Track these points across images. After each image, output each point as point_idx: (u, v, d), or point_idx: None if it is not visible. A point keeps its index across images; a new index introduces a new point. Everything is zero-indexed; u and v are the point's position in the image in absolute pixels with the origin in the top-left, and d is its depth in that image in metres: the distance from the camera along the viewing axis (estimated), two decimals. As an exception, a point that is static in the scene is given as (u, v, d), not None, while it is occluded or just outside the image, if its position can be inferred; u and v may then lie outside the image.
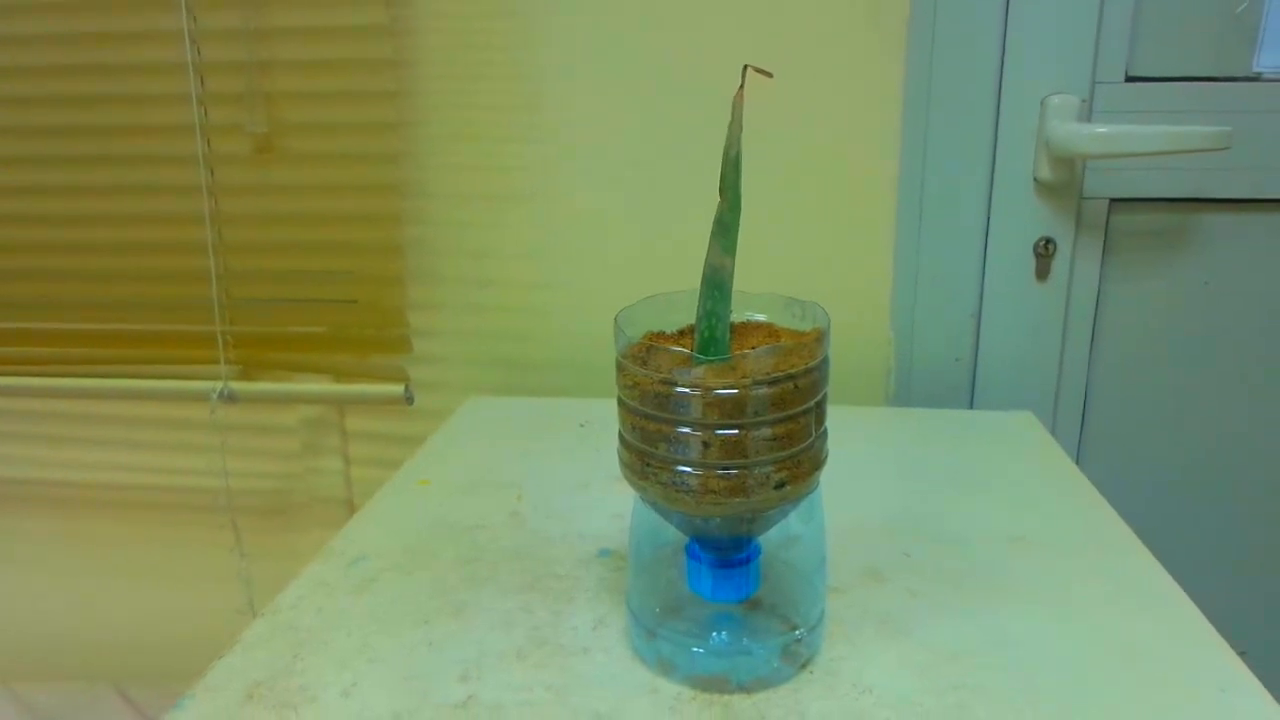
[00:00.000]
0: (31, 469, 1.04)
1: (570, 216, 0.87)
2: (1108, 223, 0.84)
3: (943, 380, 0.88)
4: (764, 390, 0.40)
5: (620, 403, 0.44)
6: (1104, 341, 0.87)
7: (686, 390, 0.40)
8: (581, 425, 0.79)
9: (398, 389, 0.90)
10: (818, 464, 0.43)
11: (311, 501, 1.00)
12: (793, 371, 0.41)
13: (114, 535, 1.05)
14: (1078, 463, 0.88)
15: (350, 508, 0.99)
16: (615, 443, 0.45)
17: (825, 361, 0.43)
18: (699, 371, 0.40)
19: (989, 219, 0.84)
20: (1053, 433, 0.83)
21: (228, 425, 0.97)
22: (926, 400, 0.88)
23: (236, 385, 0.92)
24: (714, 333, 0.42)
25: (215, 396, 0.92)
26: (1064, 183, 0.82)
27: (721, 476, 0.41)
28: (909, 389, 0.88)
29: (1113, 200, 0.83)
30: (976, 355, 0.87)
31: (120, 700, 1.02)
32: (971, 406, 0.88)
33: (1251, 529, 0.90)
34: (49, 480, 1.04)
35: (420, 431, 0.82)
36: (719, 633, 0.47)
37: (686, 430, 0.41)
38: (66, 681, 1.05)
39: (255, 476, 1.00)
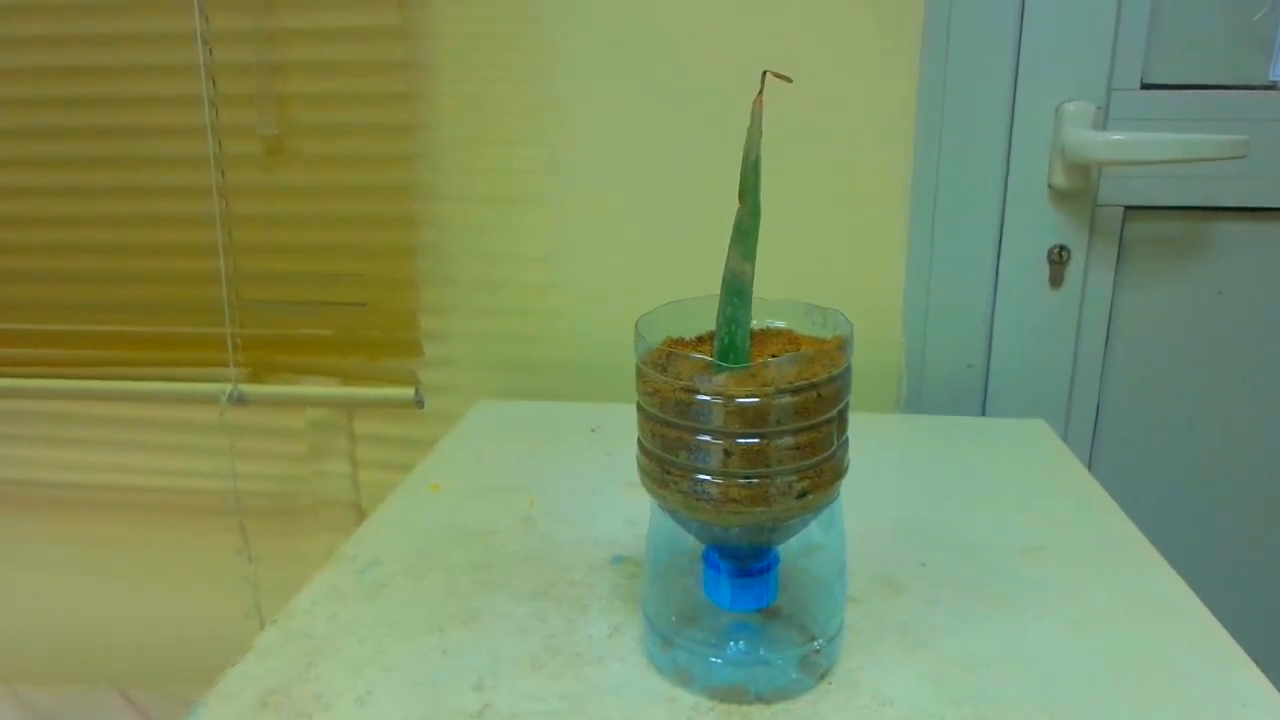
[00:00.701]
0: (41, 471, 1.04)
1: (583, 220, 0.87)
2: (1122, 230, 0.83)
3: (954, 387, 0.88)
4: (787, 399, 0.39)
5: (639, 409, 0.43)
6: (1117, 349, 0.87)
7: (708, 398, 0.40)
8: (593, 430, 0.79)
9: (408, 392, 0.90)
10: (839, 473, 0.43)
11: (319, 505, 1.00)
12: (815, 380, 0.40)
13: (121, 537, 1.04)
14: (1090, 470, 0.88)
15: (358, 511, 0.99)
16: (627, 447, 0.45)
17: (848, 370, 0.42)
18: (721, 379, 0.40)
19: (1002, 225, 0.84)
20: (1065, 440, 0.82)
21: (236, 428, 0.97)
22: (938, 407, 0.88)
23: (246, 387, 0.92)
24: (734, 340, 0.42)
25: (224, 399, 0.92)
26: (1078, 190, 0.82)
27: (743, 485, 0.40)
28: (920, 395, 0.88)
29: (1127, 208, 0.83)
30: (989, 362, 0.87)
31: (123, 701, 1.02)
32: (983, 413, 0.88)
33: (1266, 537, 0.89)
34: (58, 482, 1.04)
35: (430, 435, 0.82)
36: (737, 642, 0.46)
37: (707, 438, 0.40)
38: (69, 683, 1.05)
39: (263, 479, 0.99)
